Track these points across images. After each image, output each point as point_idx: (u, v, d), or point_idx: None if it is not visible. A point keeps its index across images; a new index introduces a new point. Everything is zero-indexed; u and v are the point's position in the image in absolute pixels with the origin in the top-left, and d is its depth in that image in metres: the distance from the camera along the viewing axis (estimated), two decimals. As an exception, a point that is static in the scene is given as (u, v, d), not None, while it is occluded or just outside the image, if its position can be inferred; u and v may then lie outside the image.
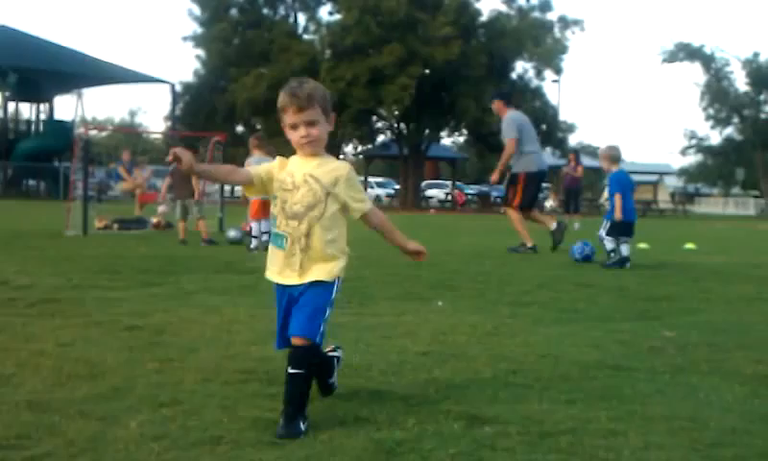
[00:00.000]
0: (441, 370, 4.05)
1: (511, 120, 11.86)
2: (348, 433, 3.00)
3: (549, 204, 27.72)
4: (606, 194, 49.16)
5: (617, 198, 10.11)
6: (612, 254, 10.16)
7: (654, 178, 52.77)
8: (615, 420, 3.26)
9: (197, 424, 3.05)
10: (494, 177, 12.31)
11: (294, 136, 3.23)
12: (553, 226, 11.89)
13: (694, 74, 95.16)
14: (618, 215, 10.04)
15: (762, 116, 57.48)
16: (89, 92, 61.36)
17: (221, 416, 3.16)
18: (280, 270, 3.22)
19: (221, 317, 5.40)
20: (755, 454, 2.92)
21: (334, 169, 3.25)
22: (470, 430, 3.08)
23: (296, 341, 3.12)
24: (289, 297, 3.21)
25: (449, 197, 51.27)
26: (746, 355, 4.66)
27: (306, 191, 3.19)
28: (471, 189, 58.61)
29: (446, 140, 56.09)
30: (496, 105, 12.27)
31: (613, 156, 10.50)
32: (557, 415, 3.30)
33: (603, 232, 10.27)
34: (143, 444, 2.82)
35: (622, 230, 10.17)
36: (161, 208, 17.00)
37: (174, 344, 4.51)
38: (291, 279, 3.19)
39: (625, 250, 10.06)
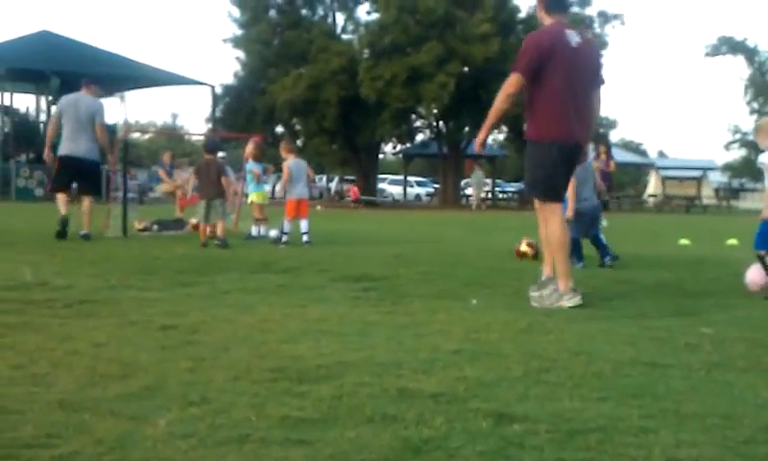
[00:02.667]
0: (472, 368, 4.02)
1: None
2: (375, 431, 2.99)
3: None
4: (650, 189, 48.16)
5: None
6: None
7: (697, 173, 52.03)
8: (647, 417, 3.21)
9: (225, 423, 3.06)
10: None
11: None
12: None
13: (738, 68, 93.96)
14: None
15: (808, 109, 56.64)
16: (131, 95, 61.87)
17: (249, 414, 3.16)
18: None
19: (254, 316, 5.42)
20: (789, 452, 2.86)
21: None
22: (499, 428, 3.06)
23: None
24: None
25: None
26: (785, 352, 4.58)
27: None
28: (512, 187, 58.33)
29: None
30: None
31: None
32: (587, 413, 3.27)
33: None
34: (171, 442, 2.83)
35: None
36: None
37: (207, 343, 4.54)
38: None
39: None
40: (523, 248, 10.04)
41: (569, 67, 6.33)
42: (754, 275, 7.34)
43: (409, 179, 55.00)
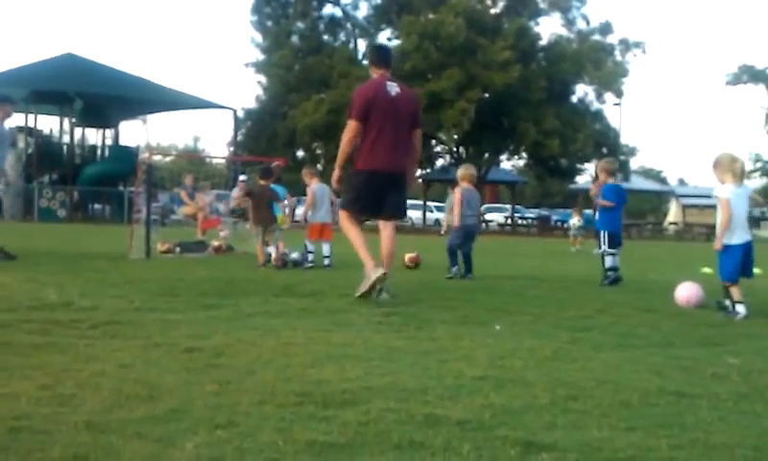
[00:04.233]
0: (497, 395, 3.99)
1: None
2: (402, 458, 2.98)
3: (573, 221, 25.57)
4: (670, 216, 48.01)
5: (609, 203, 10.70)
6: (611, 273, 10.51)
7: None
8: (677, 448, 3.18)
9: (252, 447, 3.05)
10: None
11: None
12: None
13: (759, 96, 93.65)
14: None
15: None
16: (154, 118, 62.39)
17: (276, 438, 3.15)
18: None
19: (278, 339, 5.42)
20: (823, 485, 2.82)
21: None
22: (527, 457, 3.03)
23: None
24: None
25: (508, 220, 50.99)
26: (814, 383, 4.53)
27: None
28: (531, 213, 58.24)
29: (506, 164, 55.86)
30: None
31: (610, 169, 11.36)
32: (617, 442, 3.24)
33: (605, 247, 10.63)
34: (198, 465, 2.83)
35: (617, 240, 10.74)
36: (223, 233, 17.21)
37: (231, 366, 4.53)
38: None
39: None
40: (406, 261, 12.23)
41: (387, 112, 7.93)
42: (683, 291, 8.32)
43: (429, 204, 55.03)
